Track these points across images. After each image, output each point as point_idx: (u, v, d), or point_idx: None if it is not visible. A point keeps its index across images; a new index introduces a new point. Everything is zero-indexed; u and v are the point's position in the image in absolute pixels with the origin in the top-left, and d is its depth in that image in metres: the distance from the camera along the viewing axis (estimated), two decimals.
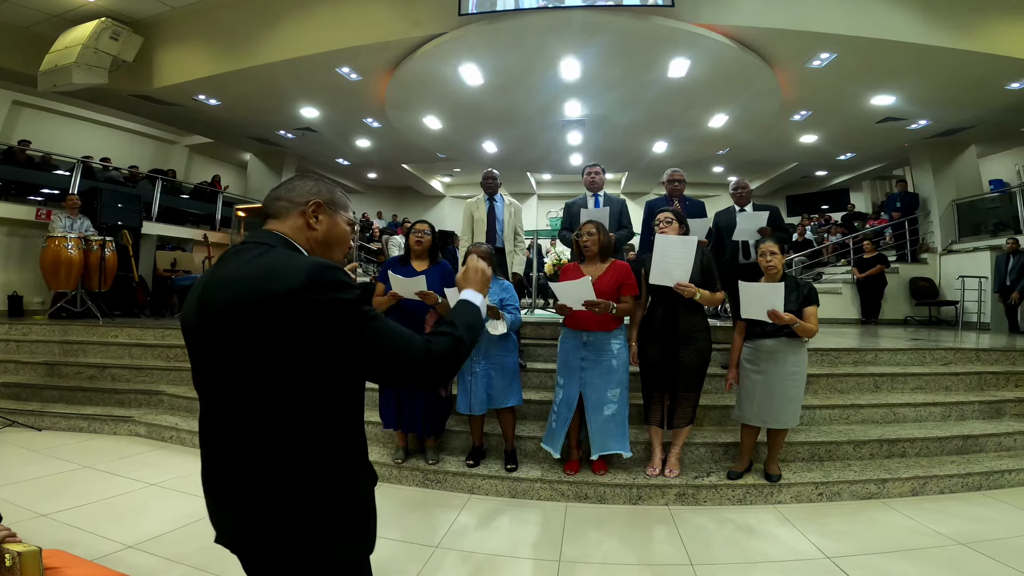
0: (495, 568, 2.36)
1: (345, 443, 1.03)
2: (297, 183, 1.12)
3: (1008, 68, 5.93)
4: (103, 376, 4.89)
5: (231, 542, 1.03)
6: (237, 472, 0.98)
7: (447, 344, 1.01)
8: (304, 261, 0.96)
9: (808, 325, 2.76)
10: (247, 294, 0.92)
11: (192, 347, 1.05)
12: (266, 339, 0.91)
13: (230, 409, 0.98)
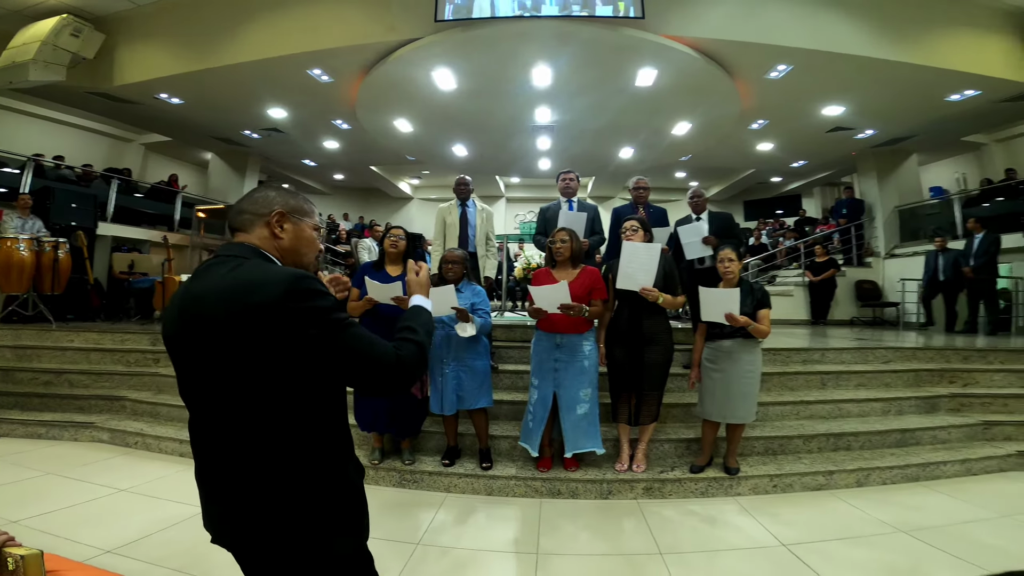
0: (477, 562, 2.46)
1: (332, 439, 1.09)
2: (258, 195, 1.16)
3: (948, 80, 6.42)
4: (59, 382, 4.74)
5: (231, 543, 1.08)
6: (232, 475, 1.03)
7: (413, 350, 1.10)
8: (280, 272, 1.01)
9: (761, 327, 2.97)
10: (228, 306, 0.97)
11: (176, 357, 1.08)
12: (249, 348, 0.96)
13: (220, 416, 1.03)
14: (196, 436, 1.09)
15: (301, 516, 1.03)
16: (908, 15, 5.93)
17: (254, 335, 0.95)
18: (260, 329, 0.95)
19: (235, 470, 1.02)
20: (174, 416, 4.21)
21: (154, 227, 9.13)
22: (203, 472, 1.08)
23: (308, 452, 1.04)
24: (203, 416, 1.06)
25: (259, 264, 1.05)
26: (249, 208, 1.13)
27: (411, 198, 15.42)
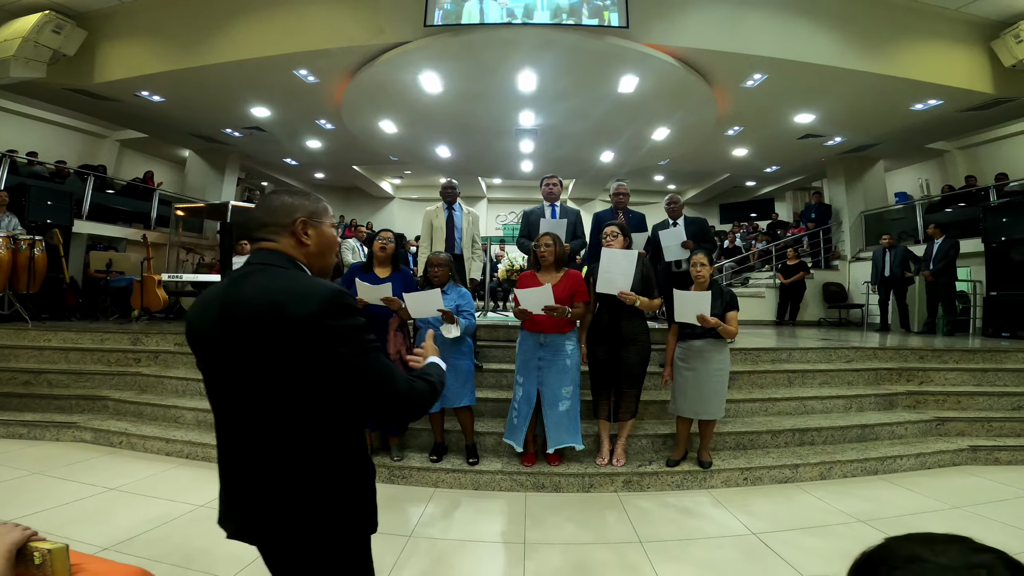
0: (467, 552, 2.59)
1: (349, 441, 1.16)
2: (276, 204, 1.18)
3: (912, 90, 6.77)
4: (38, 382, 4.69)
5: (253, 537, 1.16)
6: (257, 473, 1.10)
7: (426, 388, 1.19)
8: (320, 288, 1.07)
9: (730, 328, 3.17)
10: (269, 316, 1.03)
11: (206, 356, 1.15)
12: (283, 356, 1.03)
13: (247, 415, 1.10)
14: (222, 433, 1.17)
15: (321, 511, 1.11)
16: (876, 27, 6.24)
17: (289, 345, 1.03)
18: (296, 340, 1.02)
19: (260, 468, 1.10)
20: (158, 416, 4.22)
21: (130, 225, 9.01)
22: (228, 469, 1.16)
23: (328, 452, 1.12)
24: (230, 414, 1.14)
25: (296, 276, 1.12)
26: (271, 220, 1.17)
27: (392, 197, 15.40)
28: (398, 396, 1.11)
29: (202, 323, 1.15)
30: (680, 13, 5.98)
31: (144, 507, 2.95)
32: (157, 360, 4.86)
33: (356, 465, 1.18)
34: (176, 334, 5.13)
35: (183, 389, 4.47)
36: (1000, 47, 6.27)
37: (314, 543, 1.13)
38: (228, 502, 1.18)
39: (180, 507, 2.96)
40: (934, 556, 0.63)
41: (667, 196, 4.97)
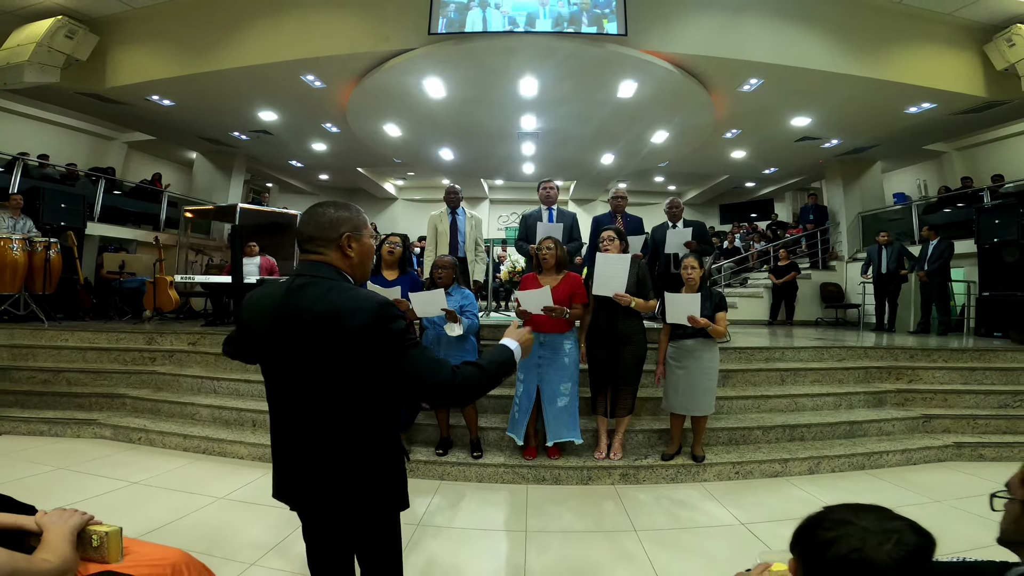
0: (473, 538, 2.76)
1: (389, 427, 1.35)
2: (324, 219, 1.32)
3: (906, 94, 6.90)
4: (58, 380, 4.85)
5: (305, 507, 1.37)
6: (314, 454, 1.29)
7: (473, 371, 1.30)
8: (369, 300, 1.24)
9: (719, 328, 3.32)
10: (327, 327, 1.21)
11: (267, 355, 1.33)
12: (339, 358, 1.22)
13: (308, 406, 1.28)
14: (279, 420, 1.35)
15: (368, 487, 1.31)
16: (869, 31, 6.38)
17: (344, 349, 1.21)
18: (350, 345, 1.20)
19: (316, 450, 1.28)
20: (175, 413, 4.39)
21: (139, 226, 9.20)
22: (283, 450, 1.35)
23: (372, 437, 1.32)
24: (289, 404, 1.31)
25: (346, 289, 1.27)
26: (319, 234, 1.32)
27: (395, 198, 15.56)
28: (441, 387, 1.25)
29: (261, 325, 1.32)
30: (676, 21, 6.13)
31: (167, 499, 3.12)
32: (172, 359, 5.03)
33: (394, 449, 1.37)
34: (189, 334, 5.29)
35: (198, 387, 4.65)
36: (992, 51, 6.39)
37: (361, 514, 1.33)
38: (283, 479, 1.37)
39: (201, 499, 3.12)
40: (858, 520, 0.83)
41: (668, 199, 5.15)
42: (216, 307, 6.55)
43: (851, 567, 0.79)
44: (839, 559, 0.80)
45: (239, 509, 3.04)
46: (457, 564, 2.50)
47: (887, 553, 0.78)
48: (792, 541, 0.91)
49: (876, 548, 0.78)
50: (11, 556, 1.12)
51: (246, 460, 3.85)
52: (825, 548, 0.82)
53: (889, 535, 0.80)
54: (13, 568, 1.10)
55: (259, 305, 1.35)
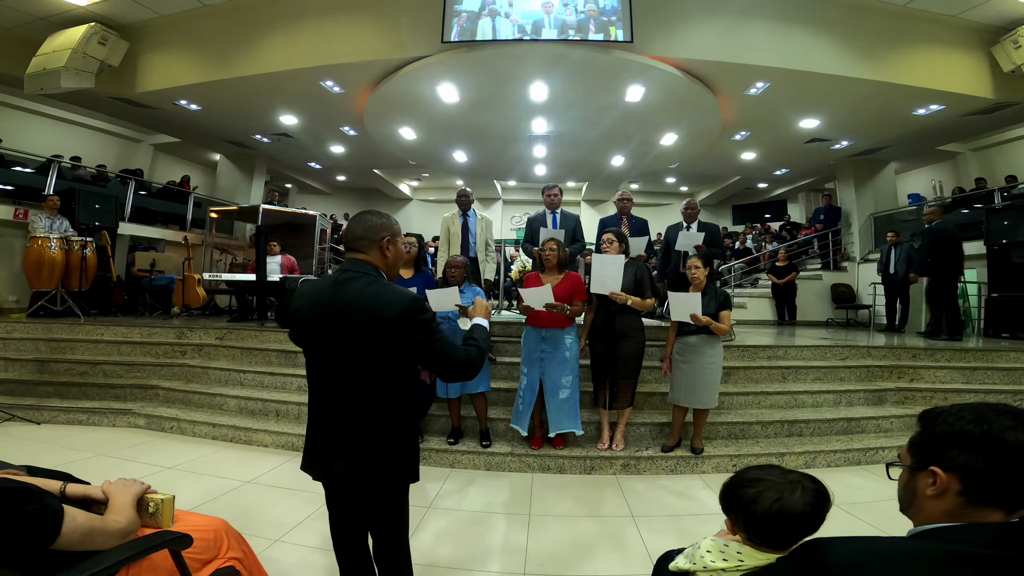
0: (479, 520, 2.96)
1: (411, 410, 1.62)
2: (369, 224, 1.61)
3: (914, 96, 6.94)
4: (95, 372, 5.13)
5: (333, 478, 1.61)
6: (346, 426, 1.54)
7: (475, 351, 1.63)
8: (403, 295, 1.51)
9: (721, 326, 3.48)
10: (368, 315, 1.48)
11: (314, 340, 1.58)
12: (376, 342, 1.48)
13: (346, 386, 1.53)
14: (318, 397, 1.60)
15: (389, 457, 1.56)
16: (875, 35, 6.43)
17: (382, 335, 1.48)
18: (386, 332, 1.47)
19: (348, 423, 1.53)
20: (204, 403, 4.66)
21: (167, 226, 9.57)
22: (319, 423, 1.60)
23: (398, 416, 1.57)
24: (327, 384, 1.57)
25: (383, 284, 1.56)
26: (366, 235, 1.60)
27: (410, 199, 15.85)
28: (459, 363, 1.56)
29: (315, 313, 1.56)
30: (682, 26, 6.27)
31: (199, 483, 3.37)
32: (201, 353, 5.32)
33: (412, 428, 1.64)
34: (216, 329, 5.59)
35: (225, 379, 4.92)
36: (999, 53, 6.41)
37: (380, 482, 1.59)
38: (314, 450, 1.62)
39: (230, 483, 3.37)
40: (767, 476, 1.04)
41: (685, 201, 5.33)
42: (241, 304, 6.84)
43: (775, 516, 1.00)
44: (764, 511, 1.01)
45: (265, 492, 3.27)
46: (463, 541, 2.71)
47: (800, 500, 0.98)
48: (722, 504, 1.13)
49: (790, 497, 0.99)
50: (89, 517, 1.32)
51: (270, 448, 4.10)
52: (752, 504, 1.03)
53: (795, 485, 1.01)
54: (90, 527, 1.29)
55: (309, 295, 1.62)
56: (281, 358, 5.05)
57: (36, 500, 1.22)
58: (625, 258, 3.63)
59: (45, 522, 1.21)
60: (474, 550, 2.64)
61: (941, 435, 0.89)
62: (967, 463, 0.84)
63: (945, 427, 0.89)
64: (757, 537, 1.07)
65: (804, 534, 1.01)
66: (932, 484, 0.87)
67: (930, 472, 0.87)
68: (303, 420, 4.25)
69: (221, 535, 1.74)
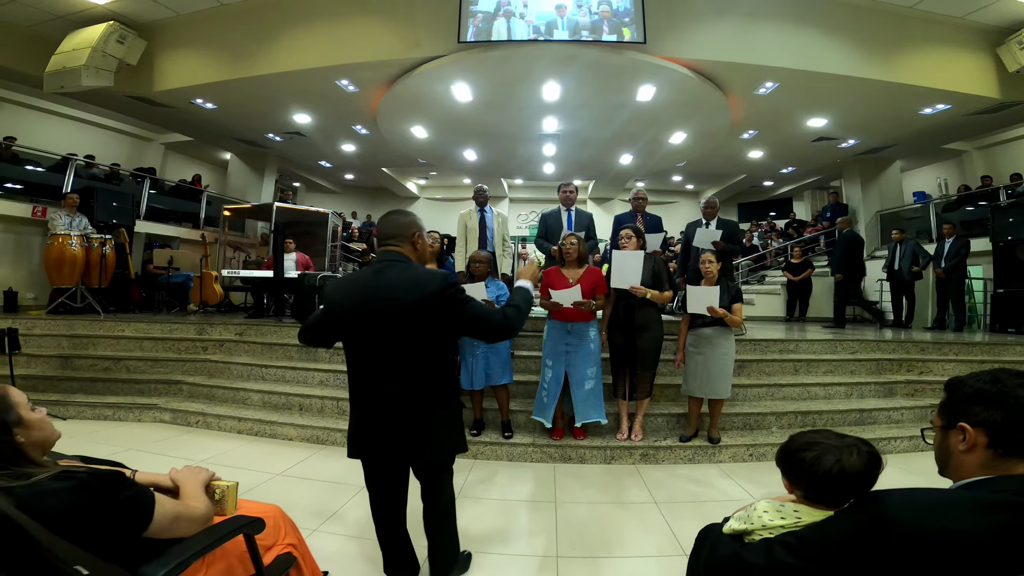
0: (508, 508, 3.07)
1: (454, 382, 1.87)
2: (401, 222, 1.85)
3: (920, 96, 7.04)
4: (118, 368, 5.22)
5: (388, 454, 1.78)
6: (400, 406, 1.72)
7: (515, 312, 1.83)
8: (437, 273, 1.75)
9: (735, 318, 3.58)
10: (413, 293, 1.70)
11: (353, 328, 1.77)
12: (422, 316, 1.70)
13: (395, 363, 1.72)
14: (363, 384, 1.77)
15: (441, 429, 1.78)
16: (882, 35, 6.54)
17: (425, 309, 1.71)
18: (428, 305, 1.71)
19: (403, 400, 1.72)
20: (228, 398, 4.75)
21: (180, 224, 9.67)
22: (367, 407, 1.77)
23: (444, 389, 1.79)
24: (374, 366, 1.75)
25: (417, 267, 1.82)
26: (399, 232, 1.85)
27: (417, 197, 15.93)
28: (495, 325, 1.79)
29: (349, 302, 1.79)
30: (693, 27, 6.37)
31: (228, 476, 3.37)
32: (222, 348, 5.42)
33: (458, 401, 1.86)
34: (236, 324, 5.67)
35: (248, 374, 5.02)
36: (1005, 53, 6.50)
37: (436, 453, 1.79)
38: (363, 434, 1.79)
39: (261, 475, 3.44)
40: (823, 440, 1.14)
41: (706, 199, 5.48)
42: (257, 301, 6.93)
43: (836, 477, 1.10)
44: (826, 471, 1.11)
45: (295, 484, 3.35)
46: (494, 525, 2.81)
47: (858, 461, 1.09)
48: (781, 469, 1.22)
49: (849, 459, 1.09)
50: (175, 503, 1.34)
51: (295, 441, 4.19)
52: (812, 466, 1.13)
53: (851, 448, 1.11)
54: (177, 513, 1.30)
55: (346, 288, 1.83)
56: (301, 353, 5.14)
57: (129, 486, 1.22)
58: (643, 253, 3.72)
59: (139, 508, 1.22)
60: (506, 533, 2.74)
61: (964, 396, 1.02)
62: (989, 417, 0.96)
63: (967, 389, 1.02)
64: (815, 496, 1.16)
65: (859, 492, 1.10)
66: (963, 440, 0.99)
67: (960, 429, 0.99)
68: (326, 413, 4.41)
69: (278, 521, 1.78)
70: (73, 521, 1.10)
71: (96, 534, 1.14)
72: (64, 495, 1.11)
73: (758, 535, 1.16)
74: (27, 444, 1.22)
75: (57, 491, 1.11)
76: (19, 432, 1.20)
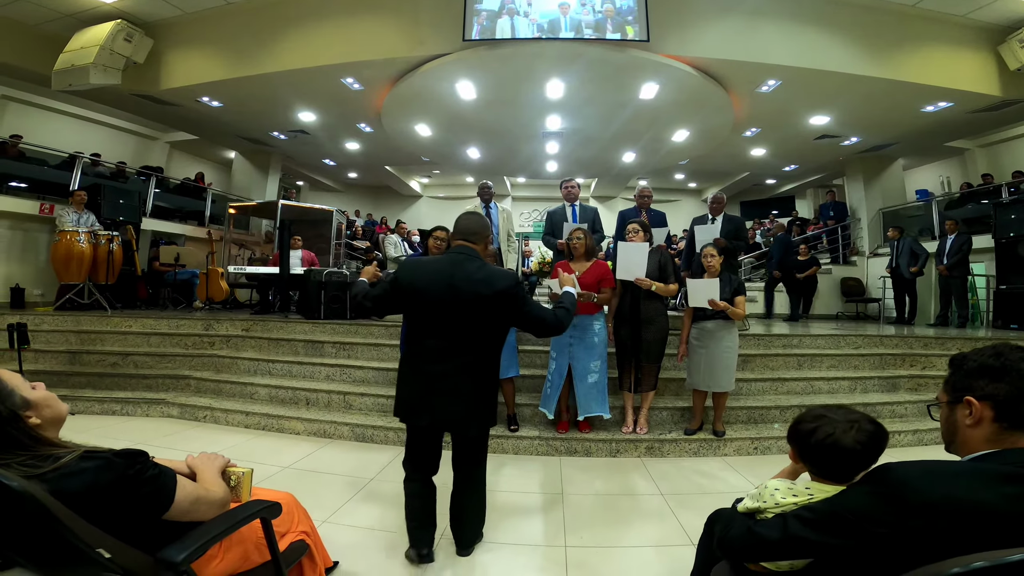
0: (516, 499, 3.10)
1: (498, 366, 2.22)
2: (483, 223, 2.28)
3: (922, 94, 7.06)
4: (126, 363, 5.24)
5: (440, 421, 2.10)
6: (464, 384, 2.07)
7: (565, 312, 2.22)
8: (508, 274, 2.15)
9: (737, 310, 3.61)
10: (487, 287, 2.05)
11: (427, 306, 2.10)
12: (490, 309, 2.06)
13: (458, 344, 2.07)
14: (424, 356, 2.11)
15: (488, 404, 2.16)
16: (885, 33, 6.56)
17: (492, 301, 2.06)
18: (498, 299, 2.06)
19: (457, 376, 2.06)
20: (236, 392, 4.79)
21: (185, 222, 9.72)
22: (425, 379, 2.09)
23: (494, 368, 2.20)
24: (441, 342, 2.07)
25: (490, 266, 2.19)
26: (479, 231, 2.25)
27: (420, 196, 15.98)
28: (550, 323, 2.16)
29: (439, 283, 2.10)
30: (697, 25, 6.40)
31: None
32: (229, 343, 5.45)
33: (498, 382, 2.28)
34: (242, 320, 5.71)
35: (254, 369, 5.05)
36: (1006, 51, 6.53)
37: (480, 425, 2.19)
38: (416, 400, 2.12)
39: (270, 468, 3.46)
40: (830, 414, 1.17)
41: (713, 195, 5.50)
42: (263, 297, 6.97)
43: (827, 449, 1.13)
44: (818, 443, 1.14)
45: (304, 476, 3.38)
46: (503, 517, 2.82)
47: (853, 438, 1.12)
48: (788, 437, 1.25)
49: (844, 434, 1.12)
50: (195, 485, 1.35)
51: (302, 435, 4.22)
52: (808, 436, 1.16)
53: (852, 424, 1.14)
54: (197, 495, 1.30)
55: (428, 271, 2.15)
56: (308, 348, 5.19)
57: (152, 465, 1.21)
58: (649, 246, 3.75)
59: (162, 488, 1.20)
60: (514, 524, 2.77)
61: (969, 370, 1.05)
62: (994, 391, 0.99)
63: (971, 363, 1.05)
64: (821, 471, 1.19)
65: (857, 467, 1.13)
66: (969, 414, 1.02)
67: (966, 403, 1.02)
68: (333, 408, 4.45)
69: (292, 508, 1.80)
70: (97, 502, 1.09)
71: (118, 515, 1.13)
72: (89, 475, 1.10)
73: (771, 512, 1.19)
74: (43, 424, 1.19)
75: (82, 471, 1.10)
76: (31, 414, 1.17)
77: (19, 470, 1.05)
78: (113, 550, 1.08)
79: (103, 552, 1.06)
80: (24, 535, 1.05)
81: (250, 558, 1.51)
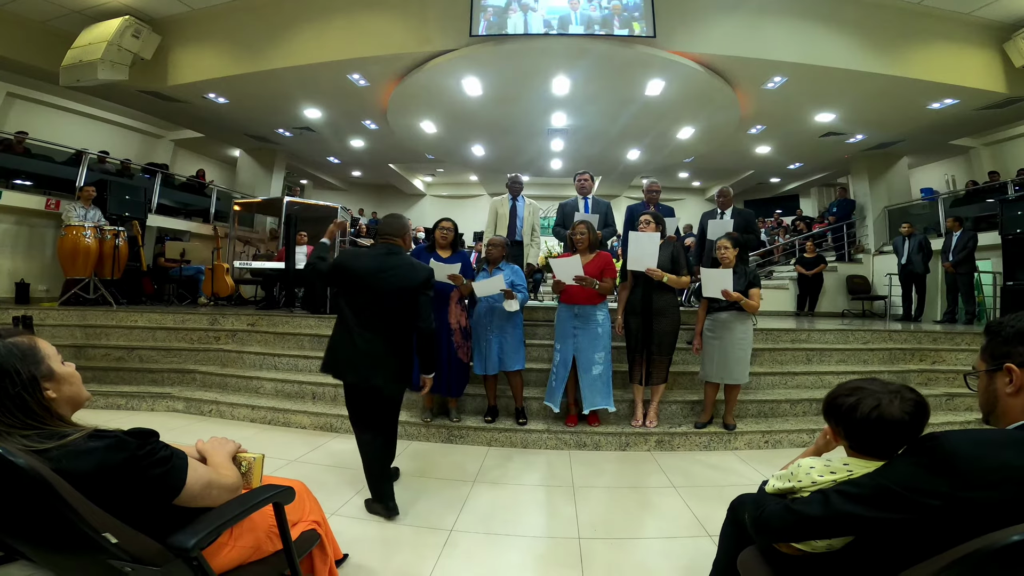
0: (527, 492, 3.08)
1: (410, 339, 2.62)
2: (402, 224, 2.72)
3: (928, 91, 7.03)
4: (131, 357, 5.24)
5: (369, 386, 2.52)
6: (380, 352, 2.50)
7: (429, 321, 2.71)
8: (426, 269, 2.65)
9: (751, 302, 3.59)
10: (408, 278, 2.55)
11: (359, 287, 2.53)
12: (406, 293, 2.53)
13: (381, 323, 2.51)
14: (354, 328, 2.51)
15: (405, 372, 2.61)
16: (891, 30, 6.53)
17: (411, 289, 2.54)
18: (416, 288, 2.55)
19: (382, 350, 2.50)
20: (241, 387, 4.77)
21: (189, 219, 9.71)
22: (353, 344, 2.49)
23: (409, 343, 2.61)
24: (369, 320, 2.51)
25: (412, 259, 2.69)
26: (399, 232, 2.69)
27: (424, 194, 15.97)
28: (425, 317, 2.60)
29: (369, 271, 2.54)
30: (703, 22, 6.38)
31: None
32: (234, 338, 5.44)
33: (410, 355, 2.65)
34: (247, 315, 5.70)
35: (260, 363, 5.04)
36: (1011, 49, 6.51)
37: (398, 389, 2.66)
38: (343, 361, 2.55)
39: (277, 462, 3.40)
40: (868, 386, 1.13)
41: (719, 188, 5.48)
42: (268, 293, 6.96)
43: (873, 423, 1.09)
44: (864, 418, 1.10)
45: (311, 470, 3.35)
46: (514, 510, 2.81)
47: (899, 408, 1.07)
48: (824, 412, 1.21)
49: (889, 404, 1.08)
50: (207, 468, 1.31)
51: (309, 429, 4.21)
52: (852, 411, 1.12)
53: (894, 395, 1.10)
54: (209, 479, 1.26)
55: (362, 260, 2.59)
56: (313, 342, 5.17)
57: (164, 446, 1.17)
58: (660, 238, 3.72)
59: (173, 471, 1.16)
60: (526, 517, 2.76)
61: (1008, 336, 1.00)
62: None
63: (1009, 329, 1.00)
64: (858, 444, 1.15)
65: (902, 440, 1.08)
66: (1009, 382, 0.97)
67: (1006, 370, 0.97)
68: (339, 401, 4.43)
69: (303, 497, 1.77)
70: (106, 483, 1.04)
71: (127, 498, 1.08)
72: (98, 455, 1.04)
73: (807, 492, 1.16)
74: (58, 400, 1.14)
75: (92, 450, 1.04)
76: (50, 387, 1.12)
77: (21, 443, 1.00)
78: (120, 535, 1.02)
79: (109, 537, 1.00)
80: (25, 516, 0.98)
81: (262, 547, 1.47)
